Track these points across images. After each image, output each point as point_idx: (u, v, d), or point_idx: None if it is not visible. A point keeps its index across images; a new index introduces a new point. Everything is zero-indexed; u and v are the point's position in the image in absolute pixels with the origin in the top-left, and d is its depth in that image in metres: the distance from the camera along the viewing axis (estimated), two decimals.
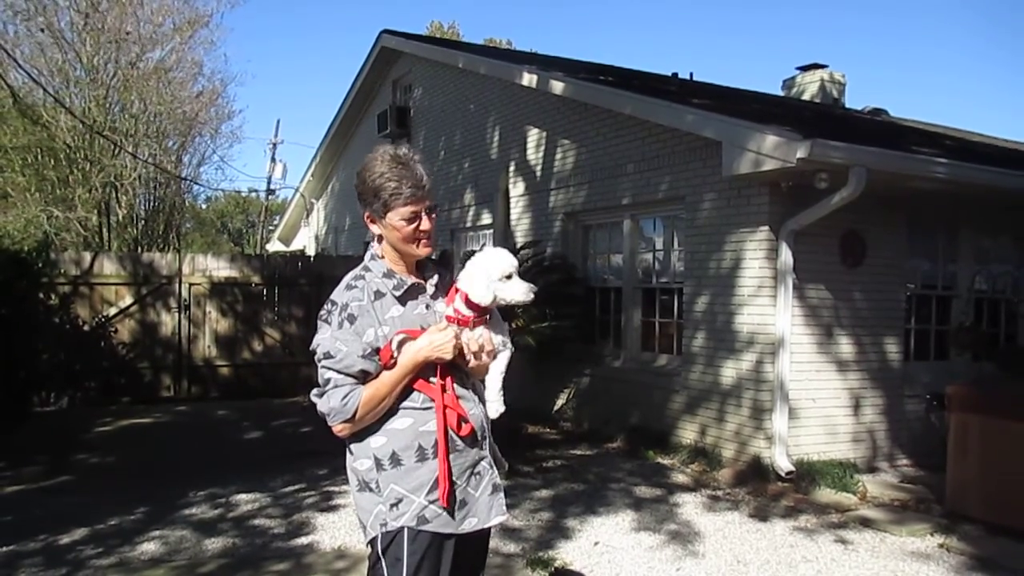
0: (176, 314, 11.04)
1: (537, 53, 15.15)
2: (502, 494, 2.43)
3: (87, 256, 10.91)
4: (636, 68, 12.90)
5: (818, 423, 6.79)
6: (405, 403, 2.28)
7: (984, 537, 5.21)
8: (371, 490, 2.29)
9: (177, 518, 5.41)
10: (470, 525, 2.34)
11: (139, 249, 20.05)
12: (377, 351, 2.24)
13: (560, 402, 9.17)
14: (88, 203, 19.54)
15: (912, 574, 4.59)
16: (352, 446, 2.33)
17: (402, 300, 2.32)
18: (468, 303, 2.27)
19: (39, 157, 18.82)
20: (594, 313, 9.02)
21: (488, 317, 2.32)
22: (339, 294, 2.31)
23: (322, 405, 2.24)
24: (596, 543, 5.03)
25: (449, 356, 2.24)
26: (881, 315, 7.15)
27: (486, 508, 2.37)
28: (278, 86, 68.58)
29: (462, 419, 2.28)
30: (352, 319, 2.25)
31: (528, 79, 9.27)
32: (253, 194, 36.06)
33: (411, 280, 2.36)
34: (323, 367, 2.25)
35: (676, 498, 6.10)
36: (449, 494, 2.25)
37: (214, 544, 4.90)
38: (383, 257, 2.38)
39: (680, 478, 6.73)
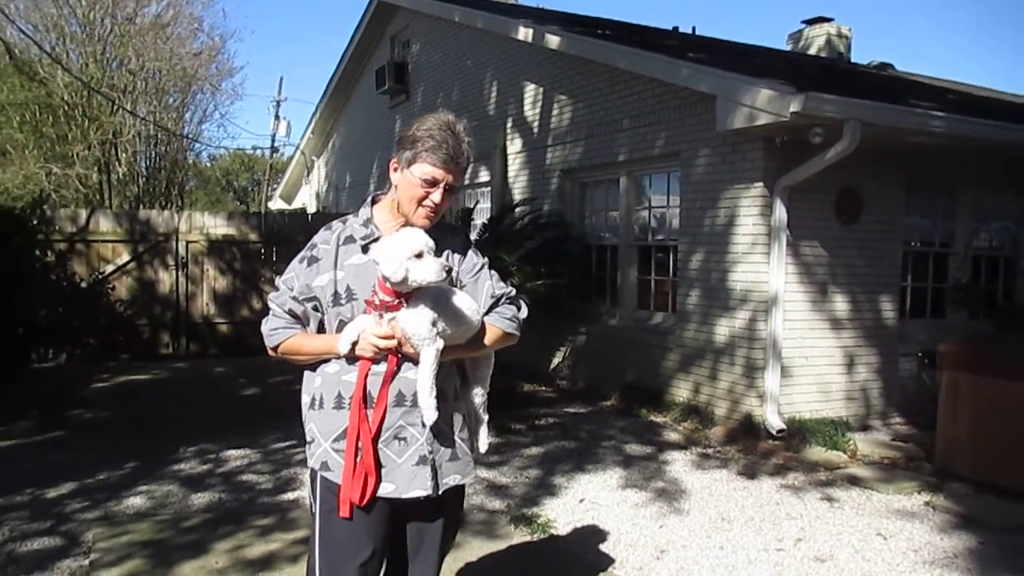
0: (174, 272, 11.03)
1: (543, 8, 14.86)
2: (429, 468, 2.29)
3: (83, 213, 10.87)
4: (639, 23, 12.64)
5: (811, 381, 6.76)
6: None
7: (971, 495, 5.21)
8: (304, 425, 2.40)
9: (166, 473, 5.44)
10: (384, 490, 2.25)
11: (140, 206, 20.00)
12: (313, 299, 2.32)
13: (556, 360, 9.16)
14: (87, 160, 19.46)
15: (895, 532, 4.58)
16: (304, 382, 2.42)
17: (364, 249, 2.29)
18: (383, 286, 2.18)
19: (37, 114, 18.71)
20: (590, 271, 8.96)
21: (404, 303, 2.18)
22: (318, 234, 2.40)
23: (263, 324, 2.40)
24: (582, 500, 5.04)
25: (368, 355, 2.23)
26: (877, 273, 7.07)
27: (407, 477, 2.27)
28: (281, 43, 67.85)
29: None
30: (313, 260, 2.33)
31: (524, 33, 9.09)
32: (258, 152, 35.87)
33: (383, 233, 2.31)
34: (269, 297, 2.40)
35: (666, 456, 6.10)
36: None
37: (200, 499, 4.92)
38: (374, 208, 2.41)
39: (672, 436, 6.73)
